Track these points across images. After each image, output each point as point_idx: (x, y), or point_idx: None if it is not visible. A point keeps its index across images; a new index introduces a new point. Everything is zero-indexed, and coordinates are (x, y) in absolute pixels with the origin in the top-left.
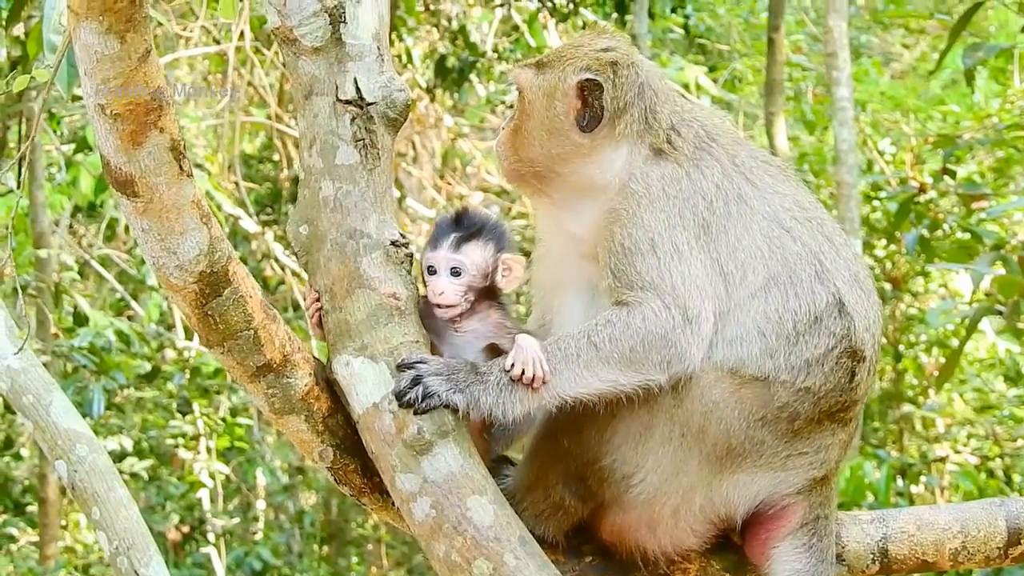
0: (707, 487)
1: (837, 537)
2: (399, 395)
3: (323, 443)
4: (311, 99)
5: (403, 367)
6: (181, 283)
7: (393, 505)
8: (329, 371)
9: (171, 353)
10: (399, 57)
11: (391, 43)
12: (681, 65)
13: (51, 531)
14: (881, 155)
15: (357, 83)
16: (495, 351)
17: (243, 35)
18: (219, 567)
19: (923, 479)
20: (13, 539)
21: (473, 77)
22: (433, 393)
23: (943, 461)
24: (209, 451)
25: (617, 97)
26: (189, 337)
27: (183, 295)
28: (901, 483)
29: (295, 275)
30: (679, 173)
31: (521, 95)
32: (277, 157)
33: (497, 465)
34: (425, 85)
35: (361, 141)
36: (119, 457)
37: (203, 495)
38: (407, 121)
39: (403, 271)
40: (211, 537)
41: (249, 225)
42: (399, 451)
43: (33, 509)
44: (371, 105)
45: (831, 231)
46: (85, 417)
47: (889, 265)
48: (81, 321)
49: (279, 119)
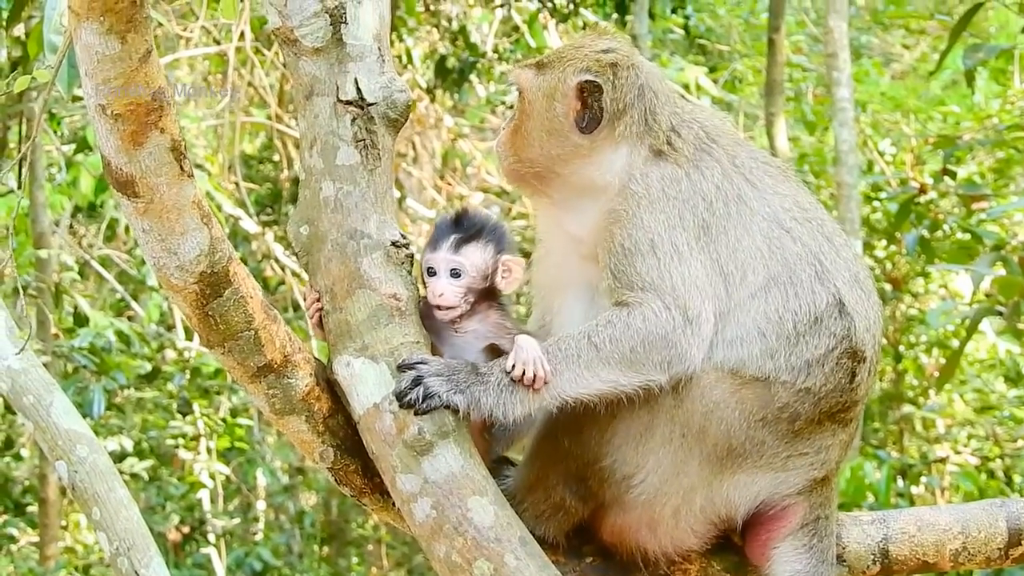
0: (708, 487)
1: (838, 538)
2: (400, 396)
3: (324, 444)
4: (312, 100)
5: (404, 368)
6: (182, 283)
7: (394, 506)
8: (330, 371)
9: (171, 353)
10: (399, 57)
11: (391, 43)
12: (681, 66)
13: (51, 531)
14: (881, 156)
15: (358, 84)
16: (495, 352)
17: (243, 35)
18: (219, 568)
19: (923, 480)
20: (13, 539)
21: (473, 78)
22: (434, 394)
23: (943, 462)
24: (209, 452)
25: (617, 99)
26: (189, 337)
27: (184, 295)
28: (901, 484)
29: (295, 275)
30: (679, 174)
31: (521, 95)
32: (277, 157)
33: (497, 466)
34: (425, 85)
35: (362, 142)
36: (119, 457)
37: (203, 496)
38: (407, 122)
39: (404, 272)
40: (211, 538)
41: (249, 225)
42: (400, 452)
43: (33, 509)
44: (372, 106)
45: (831, 232)
46: (85, 417)
47: (889, 266)
48: (81, 321)
49: (279, 119)
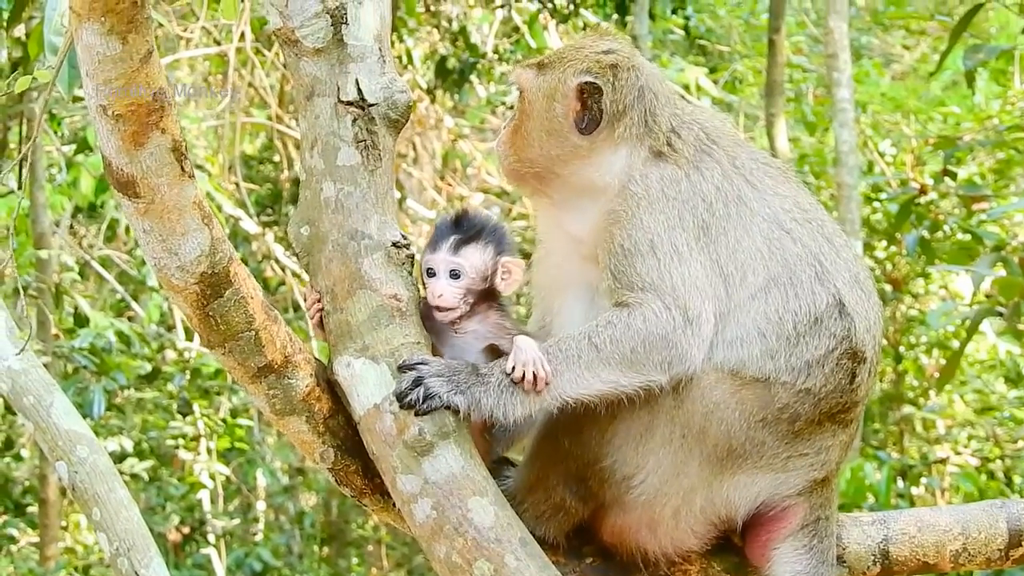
0: (708, 488)
1: (838, 538)
2: (400, 396)
3: (324, 444)
4: (313, 100)
5: (404, 368)
6: (182, 284)
7: (394, 506)
8: (330, 372)
9: (171, 354)
10: (400, 58)
11: (391, 44)
12: (682, 66)
13: (51, 532)
14: (882, 156)
15: (359, 84)
16: (496, 352)
17: (244, 36)
18: (219, 568)
19: (924, 481)
20: (13, 540)
21: (474, 78)
22: (434, 394)
23: (944, 463)
24: (209, 452)
25: (616, 100)
26: (189, 338)
27: (184, 296)
28: (902, 485)
29: (296, 276)
30: (679, 175)
31: (522, 95)
32: (278, 158)
33: (498, 466)
34: (426, 86)
35: (362, 142)
36: (119, 458)
37: (203, 496)
38: (408, 122)
39: (404, 272)
40: (211, 538)
41: (250, 226)
42: (400, 452)
43: (33, 510)
44: (373, 106)
45: (831, 232)
46: (85, 418)
47: (890, 266)
48: (82, 322)
49: (280, 120)
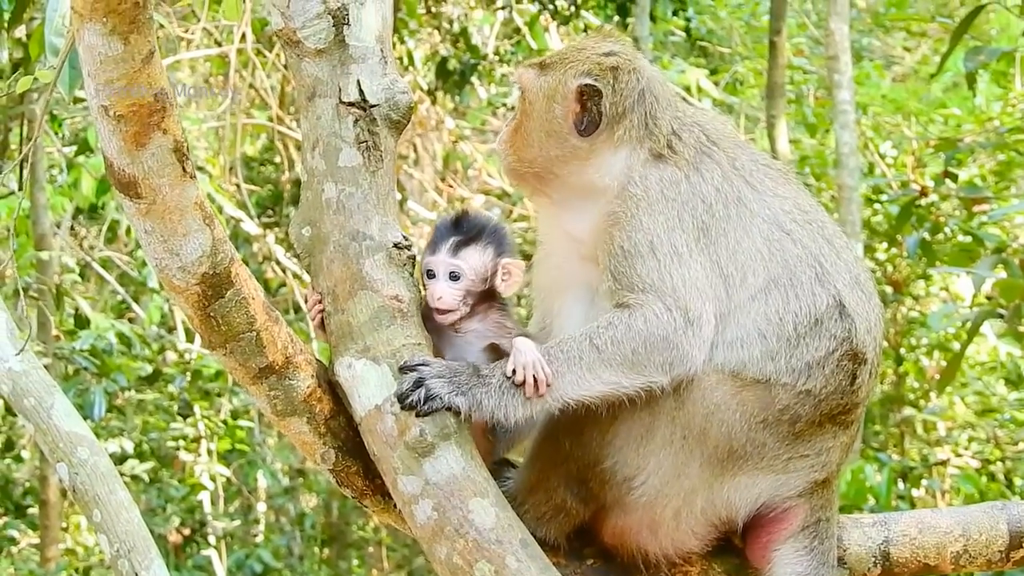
0: (708, 489)
1: (838, 540)
2: (401, 397)
3: (325, 445)
4: (314, 101)
5: (405, 369)
6: (184, 285)
7: (395, 507)
8: (331, 373)
9: (172, 355)
10: (401, 59)
11: (392, 45)
12: (682, 68)
13: (52, 533)
14: (882, 158)
15: (360, 85)
16: (497, 351)
17: (245, 37)
18: (220, 569)
19: (924, 482)
20: (14, 541)
21: (474, 79)
22: (435, 395)
23: (944, 464)
24: (210, 453)
25: (616, 103)
26: (190, 339)
27: (186, 297)
28: (902, 486)
29: (296, 277)
30: (678, 176)
31: (523, 95)
32: (278, 159)
33: (498, 467)
34: (426, 87)
35: (364, 143)
36: (120, 459)
37: (204, 497)
38: (409, 123)
39: (405, 273)
40: (212, 539)
41: (250, 227)
42: (401, 453)
43: (34, 511)
44: (374, 107)
45: (832, 234)
46: (86, 419)
47: (890, 268)
48: (82, 323)
49: (280, 121)
